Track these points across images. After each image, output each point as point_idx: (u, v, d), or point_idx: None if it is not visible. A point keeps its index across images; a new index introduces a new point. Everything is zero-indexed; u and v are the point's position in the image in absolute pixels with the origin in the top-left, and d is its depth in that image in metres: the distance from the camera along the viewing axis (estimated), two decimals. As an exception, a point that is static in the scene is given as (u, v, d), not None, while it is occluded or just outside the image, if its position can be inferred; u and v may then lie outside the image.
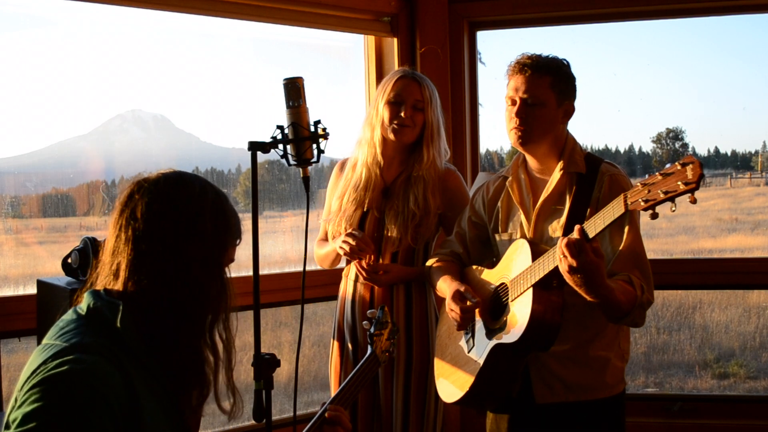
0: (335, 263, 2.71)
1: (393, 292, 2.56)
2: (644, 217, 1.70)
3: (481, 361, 2.08)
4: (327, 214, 2.73)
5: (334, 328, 2.70)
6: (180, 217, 1.36)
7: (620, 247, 2.01)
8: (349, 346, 2.61)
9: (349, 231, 2.51)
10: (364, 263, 2.52)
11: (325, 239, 2.74)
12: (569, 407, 2.09)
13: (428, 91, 2.54)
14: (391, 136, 2.53)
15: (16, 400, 1.22)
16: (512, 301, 2.02)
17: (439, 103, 2.60)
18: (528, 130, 2.10)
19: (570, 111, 2.16)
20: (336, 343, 2.67)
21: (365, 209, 2.57)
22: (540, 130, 2.10)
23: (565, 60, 2.16)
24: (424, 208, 2.52)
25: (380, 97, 2.55)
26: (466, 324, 2.15)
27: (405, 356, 2.53)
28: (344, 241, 2.48)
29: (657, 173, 1.64)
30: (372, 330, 2.01)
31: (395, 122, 2.51)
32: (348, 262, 2.64)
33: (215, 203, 1.42)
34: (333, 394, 2.68)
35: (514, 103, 2.12)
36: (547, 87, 2.09)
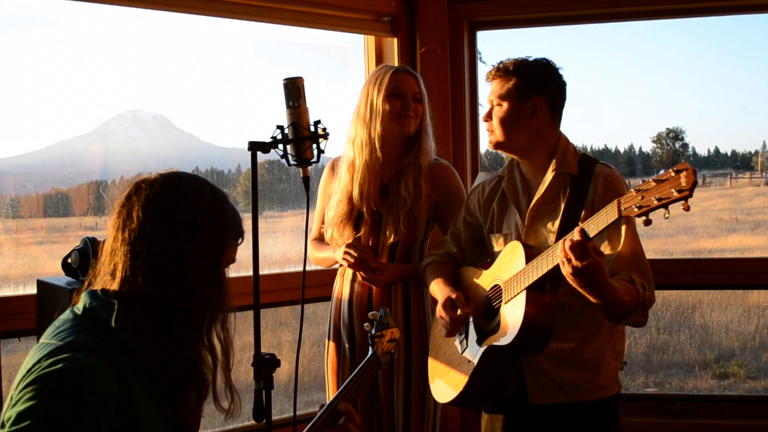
0: (332, 265, 2.73)
1: (391, 291, 2.57)
2: (640, 221, 1.70)
3: (474, 362, 2.09)
4: (321, 215, 2.73)
5: (329, 328, 2.70)
6: (175, 218, 1.37)
7: (619, 248, 2.01)
8: (346, 345, 2.61)
9: (349, 243, 2.52)
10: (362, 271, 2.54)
11: (320, 239, 2.75)
12: (563, 408, 2.09)
13: (423, 83, 2.60)
14: (396, 127, 2.53)
15: (11, 398, 1.22)
16: (505, 303, 2.03)
17: None
18: (494, 131, 2.16)
19: (539, 107, 2.13)
20: (332, 344, 2.67)
21: (363, 209, 2.58)
22: (503, 130, 2.14)
23: (543, 59, 2.17)
24: (414, 194, 2.53)
25: (374, 92, 2.54)
26: (454, 332, 2.17)
27: (404, 355, 2.54)
28: (346, 252, 2.50)
29: (651, 179, 1.64)
30: (373, 331, 2.00)
31: (401, 113, 2.52)
32: None
33: (212, 204, 1.42)
34: (330, 394, 2.69)
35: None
36: (511, 87, 2.13)
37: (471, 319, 2.17)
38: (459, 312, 2.12)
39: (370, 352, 1.96)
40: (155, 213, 1.36)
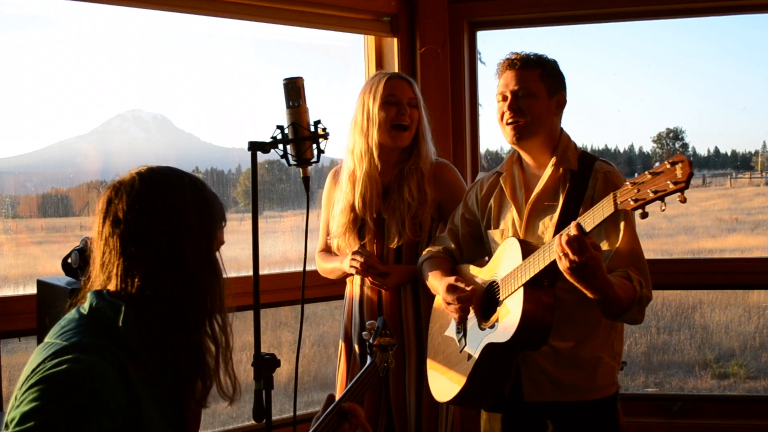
0: (341, 276, 2.70)
1: (400, 291, 2.58)
2: (637, 215, 1.69)
3: (473, 361, 2.08)
4: (326, 225, 2.74)
5: (341, 330, 2.71)
6: (163, 213, 1.37)
7: (617, 245, 2.00)
8: (356, 348, 2.62)
9: (354, 250, 2.53)
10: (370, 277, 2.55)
11: (327, 250, 2.75)
12: (560, 407, 2.09)
13: (417, 88, 2.60)
14: (390, 141, 2.53)
15: (15, 398, 1.22)
16: (503, 300, 2.02)
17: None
18: (523, 123, 2.11)
19: (562, 102, 2.16)
20: (343, 344, 2.68)
21: (366, 217, 2.58)
22: (535, 122, 2.11)
23: (552, 59, 2.18)
24: (419, 198, 2.53)
25: (370, 100, 2.54)
26: (466, 312, 2.13)
27: (416, 354, 2.54)
28: (352, 259, 2.50)
29: (647, 172, 1.62)
30: (371, 341, 1.99)
31: (397, 121, 2.52)
32: None
33: (194, 192, 1.42)
34: (339, 392, 2.69)
35: (505, 98, 2.14)
36: (537, 79, 2.11)
37: (471, 316, 2.16)
38: (463, 294, 2.09)
39: (368, 361, 1.96)
40: (143, 211, 1.36)
